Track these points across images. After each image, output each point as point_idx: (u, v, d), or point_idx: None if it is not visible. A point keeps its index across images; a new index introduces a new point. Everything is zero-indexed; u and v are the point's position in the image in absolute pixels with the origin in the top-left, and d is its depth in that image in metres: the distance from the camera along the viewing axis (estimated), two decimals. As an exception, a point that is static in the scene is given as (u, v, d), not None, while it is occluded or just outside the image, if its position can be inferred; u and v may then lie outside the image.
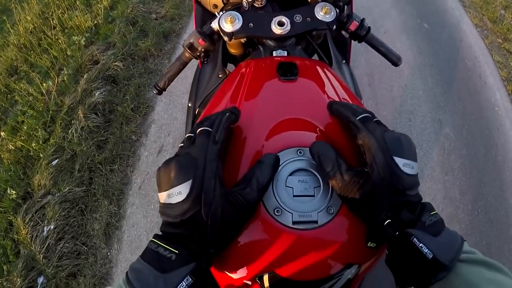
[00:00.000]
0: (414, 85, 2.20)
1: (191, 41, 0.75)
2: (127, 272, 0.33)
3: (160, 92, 0.84)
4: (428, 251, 0.33)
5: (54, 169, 1.70)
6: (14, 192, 1.69)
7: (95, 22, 2.58)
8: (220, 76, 0.91)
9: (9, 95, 2.28)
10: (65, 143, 1.78)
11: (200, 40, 0.74)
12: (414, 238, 0.34)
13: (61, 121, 1.88)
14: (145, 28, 2.46)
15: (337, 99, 0.57)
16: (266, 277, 0.42)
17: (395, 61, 0.85)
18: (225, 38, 0.73)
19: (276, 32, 0.70)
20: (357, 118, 0.42)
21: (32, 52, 2.53)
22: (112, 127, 1.81)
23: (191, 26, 2.47)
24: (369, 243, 0.41)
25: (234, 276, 0.43)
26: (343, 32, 0.78)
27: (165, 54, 2.32)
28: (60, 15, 2.75)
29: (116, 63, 2.12)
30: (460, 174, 1.80)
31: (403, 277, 0.36)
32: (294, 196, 0.43)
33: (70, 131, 1.81)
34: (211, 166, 0.36)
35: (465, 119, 2.08)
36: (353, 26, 0.76)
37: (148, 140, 1.76)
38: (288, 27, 0.70)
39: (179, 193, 0.36)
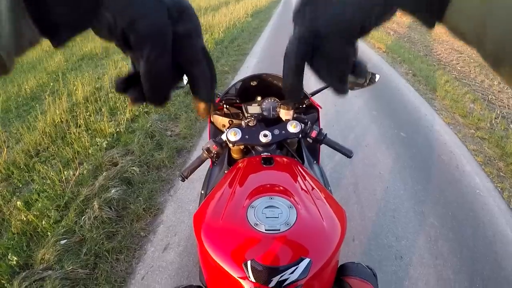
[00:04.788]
0: (395, 187, 2.35)
1: (208, 146, 1.07)
2: None
3: (183, 179, 1.10)
4: None
5: (61, 247, 1.87)
6: (15, 258, 1.79)
7: (118, 130, 3.07)
8: (226, 172, 1.13)
9: (26, 173, 2.55)
10: (77, 227, 2.01)
11: (214, 146, 1.06)
12: None
13: (76, 207, 2.16)
14: (161, 142, 2.92)
15: (300, 179, 0.86)
16: (249, 263, 0.62)
17: (347, 154, 1.11)
18: (230, 145, 1.06)
19: (262, 141, 1.03)
20: None
21: (56, 141, 2.91)
22: (124, 221, 2.08)
23: (200, 145, 2.73)
24: None
25: (229, 265, 0.64)
26: (308, 139, 1.10)
27: (177, 166, 2.63)
28: (86, 117, 3.25)
29: (133, 167, 2.53)
30: (450, 256, 1.82)
31: None
32: (267, 217, 0.69)
33: (83, 218, 2.07)
34: None
35: (447, 207, 2.18)
36: (313, 134, 1.08)
37: (155, 237, 1.95)
38: (270, 137, 1.03)
39: None
